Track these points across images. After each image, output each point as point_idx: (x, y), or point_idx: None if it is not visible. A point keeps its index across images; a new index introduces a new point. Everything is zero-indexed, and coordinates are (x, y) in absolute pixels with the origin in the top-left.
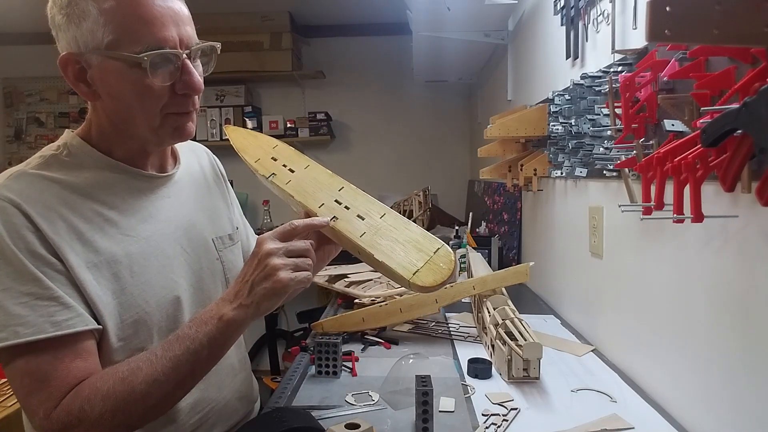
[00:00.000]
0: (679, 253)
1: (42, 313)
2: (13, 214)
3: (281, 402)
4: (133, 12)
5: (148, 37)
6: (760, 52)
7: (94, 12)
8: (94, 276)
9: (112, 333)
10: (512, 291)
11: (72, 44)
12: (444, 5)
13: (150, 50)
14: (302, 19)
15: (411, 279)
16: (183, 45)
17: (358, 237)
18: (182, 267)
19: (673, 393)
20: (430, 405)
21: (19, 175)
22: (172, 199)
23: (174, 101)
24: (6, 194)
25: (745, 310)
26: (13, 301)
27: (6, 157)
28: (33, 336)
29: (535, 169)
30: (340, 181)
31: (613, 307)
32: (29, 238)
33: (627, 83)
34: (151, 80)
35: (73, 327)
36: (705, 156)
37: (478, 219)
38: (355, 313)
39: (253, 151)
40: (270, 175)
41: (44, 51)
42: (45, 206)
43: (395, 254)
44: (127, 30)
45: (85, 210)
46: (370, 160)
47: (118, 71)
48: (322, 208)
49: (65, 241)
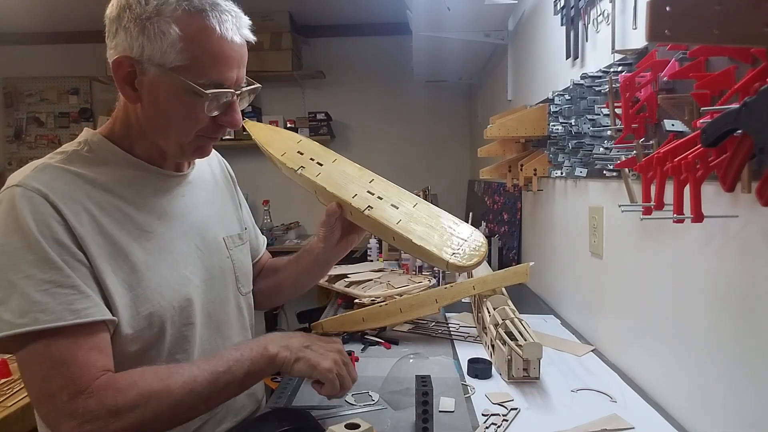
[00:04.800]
0: (679, 253)
1: (62, 300)
2: (40, 204)
3: (281, 402)
4: (210, 50)
5: (214, 74)
6: (760, 52)
7: (174, 36)
8: (112, 268)
9: (127, 324)
10: (512, 291)
11: (135, 50)
12: (444, 5)
13: (213, 85)
14: (302, 19)
15: (449, 260)
16: (236, 84)
17: (394, 224)
18: (195, 263)
19: (673, 393)
20: (430, 405)
21: (44, 167)
22: (186, 198)
23: (211, 128)
24: (34, 185)
25: (745, 310)
26: (34, 288)
27: (6, 157)
28: (53, 323)
29: (535, 169)
30: (370, 173)
31: (613, 307)
32: (55, 228)
33: (627, 83)
34: (204, 111)
35: (91, 316)
36: (705, 156)
37: (478, 219)
38: (355, 313)
39: (278, 145)
40: (299, 168)
41: (44, 51)
42: (70, 198)
43: (432, 239)
44: (200, 63)
45: (106, 204)
46: (370, 160)
47: (173, 90)
48: (356, 198)
49: (88, 233)
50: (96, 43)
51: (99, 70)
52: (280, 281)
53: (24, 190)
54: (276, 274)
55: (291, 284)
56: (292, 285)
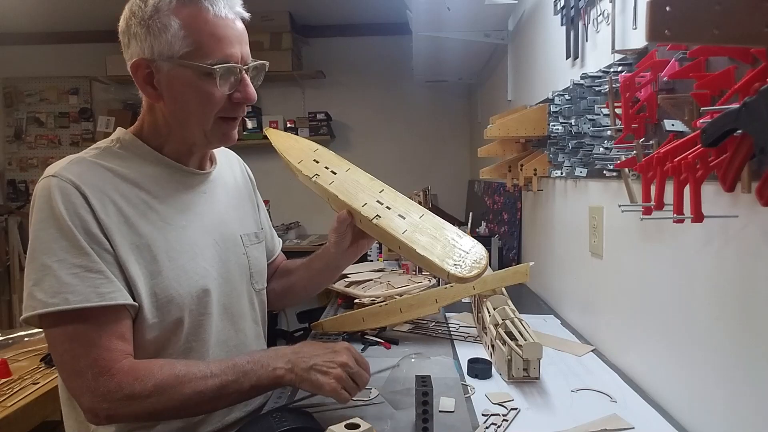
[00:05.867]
0: (679, 253)
1: (90, 284)
2: (73, 194)
3: (281, 402)
4: (209, 30)
5: (218, 52)
6: (760, 52)
7: (175, 26)
8: (136, 257)
9: (148, 310)
10: (512, 291)
11: (146, 51)
12: (444, 5)
13: (220, 63)
14: (302, 19)
15: (451, 271)
16: (243, 61)
17: (400, 233)
18: (213, 257)
19: (673, 393)
20: (430, 405)
21: (79, 160)
22: (208, 195)
23: (229, 107)
24: (68, 176)
25: (745, 310)
26: (66, 271)
27: (6, 157)
28: (81, 304)
29: (535, 169)
30: (380, 184)
31: (613, 307)
32: (85, 217)
33: (627, 83)
34: (218, 88)
35: (115, 300)
36: (705, 156)
37: (478, 219)
38: (355, 313)
39: (295, 153)
40: (314, 175)
41: (44, 51)
42: (100, 190)
43: (435, 249)
44: (202, 44)
45: (133, 197)
46: (370, 160)
47: (187, 78)
48: (365, 207)
49: (114, 223)
50: (96, 43)
51: (99, 70)
52: (293, 283)
53: (59, 180)
54: (288, 276)
55: (303, 287)
56: (303, 287)
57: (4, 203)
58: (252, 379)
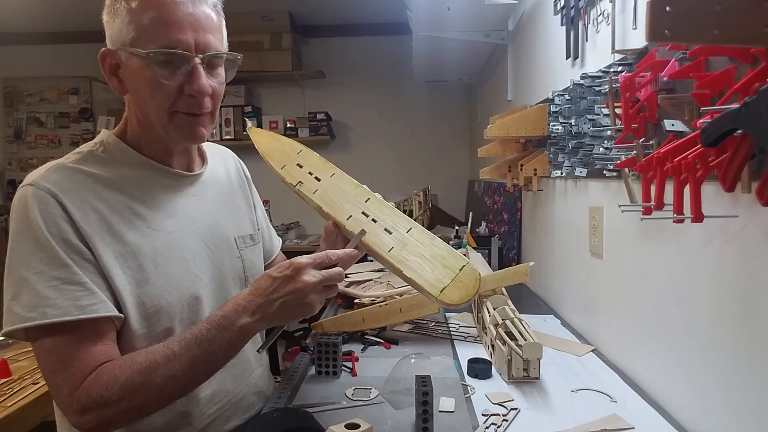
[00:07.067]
0: (679, 253)
1: (69, 296)
2: (50, 204)
3: (281, 402)
4: (154, 14)
5: (162, 38)
6: (760, 52)
7: (122, 11)
8: (120, 266)
9: (135, 321)
10: (512, 291)
11: (109, 41)
12: (444, 5)
13: (162, 49)
14: (302, 19)
15: (439, 296)
16: (199, 50)
17: (386, 252)
18: (205, 262)
19: (673, 393)
20: (430, 405)
21: (58, 167)
22: (198, 197)
23: (181, 101)
24: (45, 185)
25: (745, 310)
26: (44, 284)
27: (6, 157)
28: (59, 317)
29: (535, 169)
30: (366, 191)
31: (613, 307)
32: (63, 227)
33: (627, 83)
34: (159, 77)
35: (96, 312)
36: (705, 156)
37: (478, 219)
38: (355, 313)
39: (278, 156)
40: (297, 183)
41: (44, 51)
42: (80, 198)
43: (423, 271)
44: (145, 29)
45: (116, 203)
46: (370, 160)
47: (137, 67)
48: (350, 220)
49: (96, 232)
50: (96, 43)
51: (99, 70)
52: None
53: (36, 189)
54: None
55: None
56: None
57: (3, 203)
58: (221, 343)
